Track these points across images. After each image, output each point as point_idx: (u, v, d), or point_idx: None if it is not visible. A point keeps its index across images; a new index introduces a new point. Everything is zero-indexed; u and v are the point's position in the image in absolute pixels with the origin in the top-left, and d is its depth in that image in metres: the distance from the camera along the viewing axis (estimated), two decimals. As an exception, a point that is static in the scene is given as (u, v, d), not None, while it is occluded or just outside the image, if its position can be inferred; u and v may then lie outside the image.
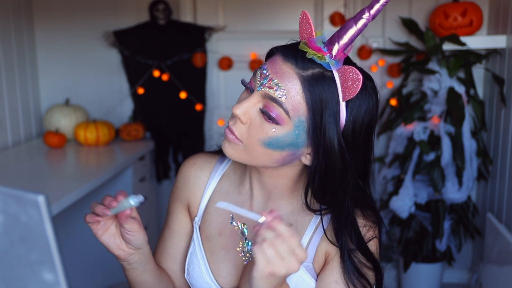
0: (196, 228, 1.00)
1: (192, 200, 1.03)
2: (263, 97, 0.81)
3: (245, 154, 0.85)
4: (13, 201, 0.47)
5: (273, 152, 0.83)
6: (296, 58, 0.80)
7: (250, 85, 0.85)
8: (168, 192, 3.01)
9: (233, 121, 0.84)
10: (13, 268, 0.49)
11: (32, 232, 0.47)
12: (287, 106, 0.79)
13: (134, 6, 2.83)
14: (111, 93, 2.93)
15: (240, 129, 0.83)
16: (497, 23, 2.45)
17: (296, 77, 0.79)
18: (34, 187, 1.90)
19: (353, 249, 0.85)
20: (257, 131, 0.82)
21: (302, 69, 0.79)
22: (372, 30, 2.71)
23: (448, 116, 2.40)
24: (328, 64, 0.80)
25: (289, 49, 0.82)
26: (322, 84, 0.79)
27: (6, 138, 2.59)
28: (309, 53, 0.80)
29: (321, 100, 0.79)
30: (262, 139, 0.82)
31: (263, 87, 0.81)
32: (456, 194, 2.40)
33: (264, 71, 0.82)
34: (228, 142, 0.85)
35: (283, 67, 0.80)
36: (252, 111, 0.82)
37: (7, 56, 2.60)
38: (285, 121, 0.80)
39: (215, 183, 1.01)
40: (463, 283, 2.84)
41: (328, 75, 0.79)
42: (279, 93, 0.79)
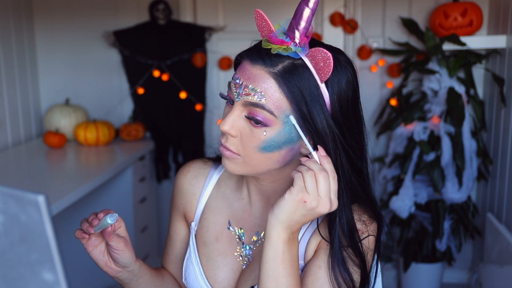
0: (192, 234, 1.01)
1: (187, 207, 1.04)
2: (245, 106, 0.81)
3: (246, 166, 0.84)
4: (13, 201, 0.47)
5: (272, 155, 0.82)
6: (262, 58, 0.80)
7: (229, 97, 0.85)
8: (168, 192, 3.02)
9: (225, 138, 0.84)
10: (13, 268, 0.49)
11: (32, 232, 0.47)
12: (269, 107, 0.79)
13: (134, 6, 2.83)
14: (111, 93, 2.93)
15: (234, 143, 0.83)
16: (497, 23, 2.45)
17: (269, 76, 0.79)
18: (34, 187, 1.90)
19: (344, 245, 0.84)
20: (250, 140, 0.81)
21: (272, 66, 0.79)
22: (372, 30, 2.71)
23: (448, 116, 2.40)
24: (295, 53, 0.79)
25: (254, 51, 0.82)
26: (295, 74, 0.79)
27: (6, 138, 2.59)
28: (274, 49, 0.80)
29: (300, 90, 0.78)
30: (257, 145, 0.81)
31: (241, 96, 0.81)
32: (456, 194, 2.40)
33: (237, 81, 0.82)
34: (227, 159, 0.85)
35: (254, 71, 0.81)
36: (239, 122, 0.82)
37: (7, 56, 2.60)
38: (273, 121, 0.80)
39: (210, 189, 1.02)
40: (463, 283, 2.84)
41: (298, 64, 0.79)
42: (257, 97, 0.79)
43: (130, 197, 2.52)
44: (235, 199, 0.99)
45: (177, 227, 1.07)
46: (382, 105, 2.75)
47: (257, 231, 0.95)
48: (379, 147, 2.82)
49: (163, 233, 3.05)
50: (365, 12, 2.71)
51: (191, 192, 1.03)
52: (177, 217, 1.06)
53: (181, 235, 1.06)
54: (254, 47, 0.84)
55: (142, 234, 2.67)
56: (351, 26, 2.67)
